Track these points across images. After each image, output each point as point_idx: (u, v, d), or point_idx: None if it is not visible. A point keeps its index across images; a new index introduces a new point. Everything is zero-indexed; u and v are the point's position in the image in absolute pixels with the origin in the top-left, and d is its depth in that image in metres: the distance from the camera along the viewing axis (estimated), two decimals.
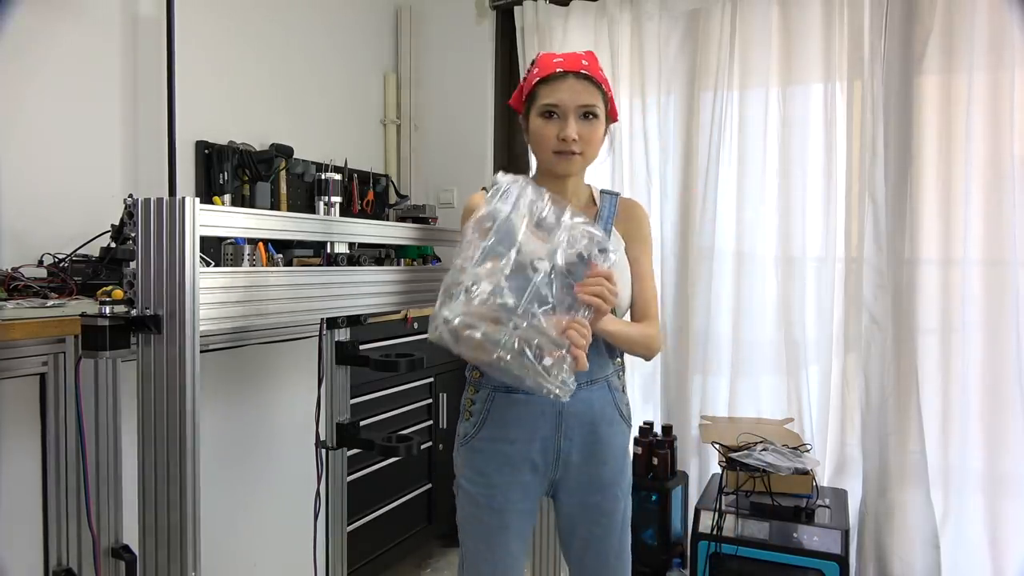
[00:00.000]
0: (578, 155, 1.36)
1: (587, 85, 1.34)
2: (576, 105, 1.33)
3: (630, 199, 1.53)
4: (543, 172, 1.43)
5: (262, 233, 1.28)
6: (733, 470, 2.28)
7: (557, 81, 1.34)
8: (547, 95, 1.35)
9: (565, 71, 1.34)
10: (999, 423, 2.30)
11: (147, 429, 1.07)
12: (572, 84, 1.33)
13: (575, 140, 1.33)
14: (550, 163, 1.38)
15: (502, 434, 1.38)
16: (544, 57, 1.39)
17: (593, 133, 1.36)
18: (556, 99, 1.34)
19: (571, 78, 1.34)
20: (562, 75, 1.34)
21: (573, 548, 1.46)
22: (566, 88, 1.33)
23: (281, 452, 1.90)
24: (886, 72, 2.39)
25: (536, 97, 1.37)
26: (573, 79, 1.34)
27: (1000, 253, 2.29)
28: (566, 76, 1.34)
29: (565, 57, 1.37)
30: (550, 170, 1.40)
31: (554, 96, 1.34)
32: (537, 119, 1.36)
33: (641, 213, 1.50)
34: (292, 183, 2.73)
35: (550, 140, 1.35)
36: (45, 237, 1.91)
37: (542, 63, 1.38)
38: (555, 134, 1.34)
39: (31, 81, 1.97)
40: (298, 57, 2.83)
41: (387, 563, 2.45)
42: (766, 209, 2.64)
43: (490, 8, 3.16)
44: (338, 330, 1.68)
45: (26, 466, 1.40)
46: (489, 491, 1.39)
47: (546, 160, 1.39)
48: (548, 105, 1.34)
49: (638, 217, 1.49)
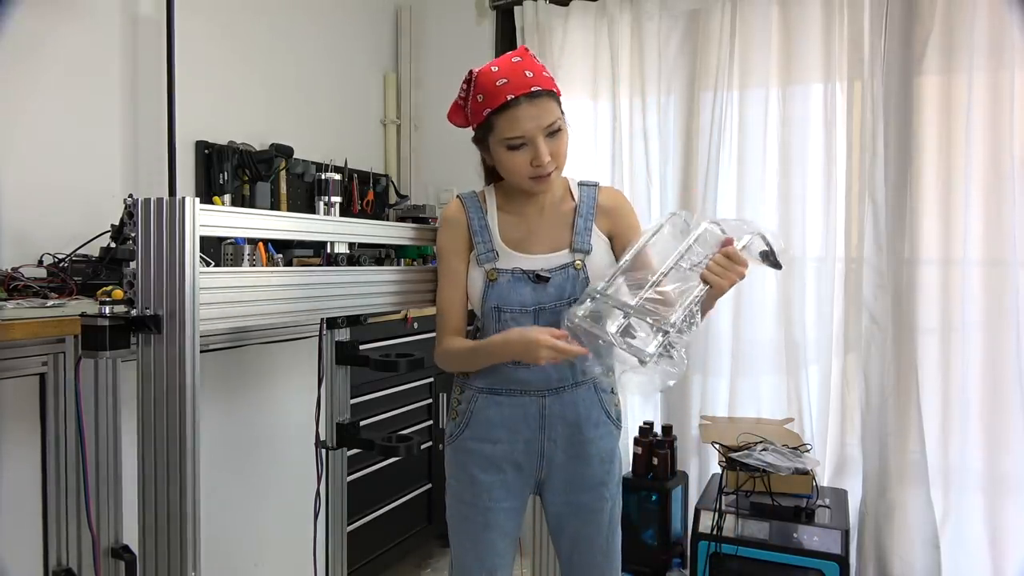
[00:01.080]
0: (552, 172, 1.33)
1: (542, 103, 1.28)
2: (540, 128, 1.29)
3: (609, 188, 1.47)
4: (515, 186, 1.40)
5: (262, 233, 1.28)
6: (733, 470, 2.28)
7: (512, 111, 1.27)
8: (507, 128, 1.29)
9: (516, 96, 1.27)
10: (999, 423, 2.30)
11: (147, 429, 1.07)
12: (528, 111, 1.27)
13: (550, 161, 1.30)
14: (527, 187, 1.36)
15: (486, 434, 1.39)
16: (484, 79, 1.30)
17: (561, 146, 1.33)
18: (519, 131, 1.28)
19: (524, 103, 1.27)
20: (515, 103, 1.27)
21: (562, 546, 1.47)
22: (524, 116, 1.27)
23: (281, 452, 1.90)
24: (886, 72, 2.39)
25: (493, 128, 1.31)
26: (527, 104, 1.27)
27: (1000, 253, 2.29)
28: (519, 103, 1.27)
29: (507, 74, 1.28)
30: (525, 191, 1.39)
31: (516, 129, 1.28)
32: (503, 151, 1.32)
33: (623, 201, 1.47)
34: (292, 183, 2.73)
35: (523, 169, 1.32)
36: (45, 237, 1.91)
37: (484, 87, 1.30)
38: (527, 161, 1.31)
39: (31, 81, 1.97)
40: (298, 57, 2.83)
41: (387, 563, 2.45)
42: (766, 209, 2.64)
43: (490, 8, 3.16)
44: (338, 330, 1.68)
45: (26, 466, 1.40)
46: (474, 490, 1.40)
47: (522, 185, 1.36)
48: (511, 139, 1.30)
49: (621, 206, 1.45)
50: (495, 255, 1.38)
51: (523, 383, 1.37)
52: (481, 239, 1.39)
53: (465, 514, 1.42)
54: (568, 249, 1.39)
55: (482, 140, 1.37)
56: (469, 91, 1.35)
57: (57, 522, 1.43)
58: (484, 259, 1.38)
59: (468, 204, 1.43)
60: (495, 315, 1.36)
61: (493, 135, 1.32)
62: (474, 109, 1.34)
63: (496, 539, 1.40)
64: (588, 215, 1.41)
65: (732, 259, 1.19)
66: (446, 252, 1.43)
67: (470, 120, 1.38)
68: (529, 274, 1.36)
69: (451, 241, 1.42)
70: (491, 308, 1.36)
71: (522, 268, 1.37)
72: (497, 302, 1.36)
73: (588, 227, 1.40)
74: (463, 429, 1.41)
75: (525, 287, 1.36)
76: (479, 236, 1.40)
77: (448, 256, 1.42)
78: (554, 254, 1.39)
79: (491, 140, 1.34)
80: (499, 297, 1.36)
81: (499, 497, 1.40)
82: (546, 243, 1.40)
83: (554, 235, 1.40)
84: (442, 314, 1.43)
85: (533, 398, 1.38)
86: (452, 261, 1.41)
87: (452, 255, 1.42)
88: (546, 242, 1.40)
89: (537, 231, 1.41)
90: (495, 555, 1.40)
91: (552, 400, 1.38)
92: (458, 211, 1.42)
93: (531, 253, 1.39)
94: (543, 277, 1.36)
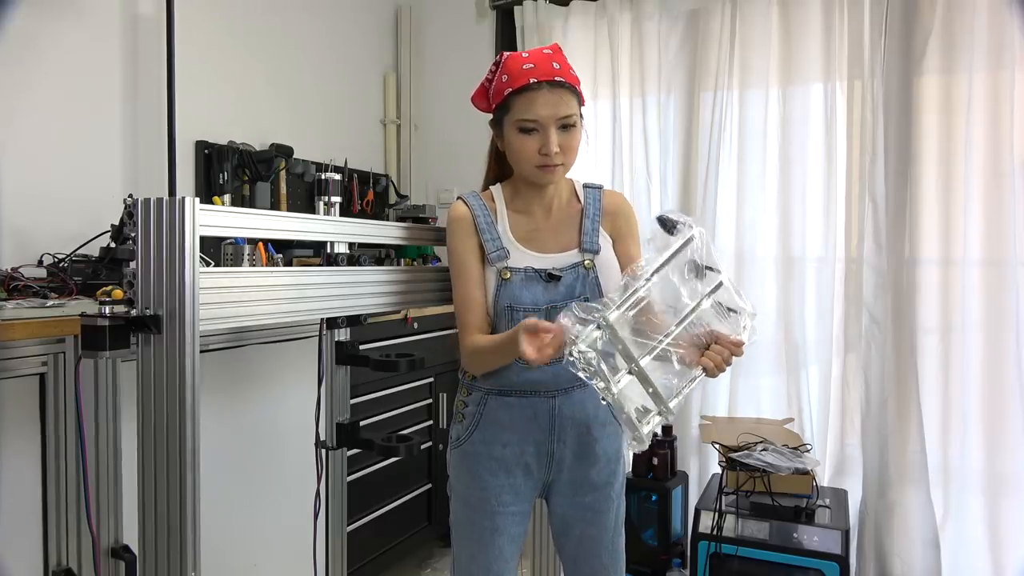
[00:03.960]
0: (560, 166, 1.34)
1: (562, 94, 1.31)
2: (555, 118, 1.31)
3: (613, 191, 1.50)
4: (523, 179, 1.41)
5: (262, 233, 1.28)
6: (733, 470, 2.28)
7: (531, 93, 1.30)
8: (523, 109, 1.31)
9: (539, 81, 1.30)
10: (999, 423, 2.30)
11: (147, 429, 1.07)
12: (548, 97, 1.30)
13: (557, 152, 1.32)
14: (533, 176, 1.37)
15: (495, 437, 1.38)
16: (512, 61, 1.34)
17: (573, 141, 1.35)
18: (534, 115, 1.30)
19: (546, 89, 1.30)
20: (536, 86, 1.30)
21: (567, 548, 1.46)
22: (542, 103, 1.30)
23: (281, 452, 1.90)
24: (886, 72, 2.39)
25: (510, 109, 1.33)
26: (548, 91, 1.30)
27: (1000, 253, 2.29)
28: (540, 87, 1.30)
29: (534, 61, 1.32)
30: (531, 181, 1.39)
31: (531, 111, 1.30)
32: (515, 133, 1.33)
33: (627, 207, 1.48)
34: (292, 183, 2.73)
35: (531, 155, 1.33)
36: (45, 237, 1.91)
37: (510, 68, 1.33)
38: (536, 149, 1.32)
39: (31, 81, 1.97)
40: (298, 57, 2.83)
41: (387, 563, 2.45)
42: (766, 209, 2.64)
43: (490, 8, 3.16)
44: (338, 330, 1.68)
45: (26, 466, 1.40)
46: (482, 494, 1.39)
47: (527, 172, 1.37)
48: (525, 121, 1.31)
49: (625, 212, 1.47)
50: (506, 253, 1.38)
51: (533, 384, 1.36)
52: (490, 237, 1.38)
53: (472, 519, 1.40)
54: (577, 249, 1.39)
55: (499, 122, 1.38)
56: (496, 72, 1.37)
57: (57, 522, 1.43)
58: (495, 257, 1.37)
59: (472, 204, 1.42)
60: (507, 314, 1.36)
61: (509, 116, 1.34)
62: (497, 88, 1.36)
63: (503, 544, 1.39)
64: (595, 216, 1.42)
65: (735, 353, 1.18)
66: (460, 251, 1.40)
67: (491, 101, 1.39)
68: (541, 273, 1.36)
69: (463, 241, 1.40)
70: (504, 307, 1.36)
71: (534, 267, 1.37)
72: (510, 301, 1.35)
73: (596, 228, 1.41)
74: (471, 432, 1.40)
75: (537, 286, 1.36)
76: (487, 235, 1.39)
77: (463, 255, 1.40)
78: (564, 253, 1.39)
79: (506, 121, 1.35)
80: (511, 296, 1.35)
81: (507, 501, 1.38)
82: (555, 242, 1.40)
83: (562, 235, 1.41)
84: (463, 314, 1.39)
85: (543, 399, 1.37)
86: (468, 260, 1.39)
87: (467, 254, 1.39)
88: (555, 241, 1.40)
89: (545, 230, 1.41)
90: (501, 560, 1.39)
91: (562, 400, 1.37)
92: (464, 211, 1.41)
93: (541, 252, 1.39)
94: (555, 276, 1.36)
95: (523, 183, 1.42)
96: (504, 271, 1.36)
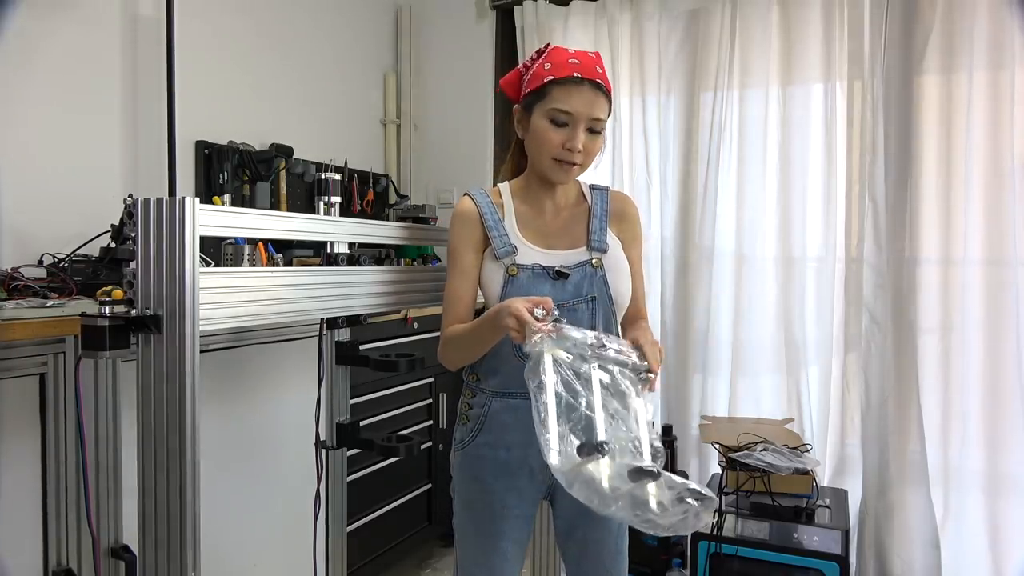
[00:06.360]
0: (578, 166, 1.34)
1: (599, 96, 1.32)
2: (588, 117, 1.31)
3: (619, 193, 1.50)
4: (534, 173, 1.41)
5: (262, 233, 1.28)
6: (733, 470, 2.28)
7: (572, 86, 1.30)
8: (560, 99, 1.31)
9: (583, 78, 1.30)
10: (999, 423, 2.30)
11: (147, 429, 1.08)
12: (587, 95, 1.30)
13: (579, 151, 1.32)
14: (547, 168, 1.36)
15: (500, 439, 1.37)
16: (557, 52, 1.35)
17: (595, 146, 1.35)
18: (570, 107, 1.30)
19: (587, 87, 1.30)
20: (579, 81, 1.30)
21: (571, 550, 1.45)
22: (581, 98, 1.30)
23: (281, 452, 1.90)
24: (886, 72, 2.39)
25: (545, 96, 1.32)
26: (589, 89, 1.30)
27: (1000, 253, 2.29)
28: (582, 83, 1.30)
29: (580, 58, 1.33)
30: (544, 174, 1.38)
31: (568, 103, 1.30)
32: (543, 120, 1.33)
33: (633, 210, 1.49)
34: (292, 183, 2.73)
35: (554, 146, 1.33)
36: (45, 237, 1.91)
37: (555, 59, 1.34)
38: (561, 142, 1.32)
39: (31, 81, 1.97)
40: (298, 57, 2.83)
41: (387, 563, 2.45)
42: (766, 209, 2.64)
43: (490, 8, 3.15)
44: (338, 330, 1.68)
45: (26, 466, 1.40)
46: (486, 497, 1.38)
47: (543, 164, 1.36)
48: (560, 111, 1.31)
49: (631, 216, 1.47)
50: (514, 249, 1.37)
51: None
52: (497, 233, 1.37)
53: (476, 522, 1.39)
54: (585, 247, 1.39)
55: (528, 107, 1.37)
56: (538, 59, 1.38)
57: (57, 522, 1.43)
58: (503, 253, 1.36)
59: (479, 200, 1.41)
60: None
61: (543, 103, 1.33)
62: (536, 74, 1.35)
63: (508, 547, 1.38)
64: (602, 216, 1.42)
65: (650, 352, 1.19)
66: (459, 245, 1.39)
67: (525, 87, 1.38)
68: (549, 270, 1.36)
69: (465, 236, 1.39)
70: None
71: (541, 264, 1.36)
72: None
73: (603, 227, 1.41)
74: (475, 435, 1.39)
75: (544, 283, 1.35)
76: (495, 231, 1.38)
77: (461, 249, 1.39)
78: (571, 251, 1.38)
79: (537, 108, 1.34)
80: (518, 293, 1.33)
81: (512, 504, 1.38)
82: (563, 240, 1.40)
83: (570, 233, 1.41)
84: (448, 306, 1.39)
85: None
86: (465, 254, 1.38)
87: (466, 248, 1.39)
88: (563, 239, 1.40)
89: (553, 228, 1.41)
90: (505, 563, 1.38)
91: None
92: (471, 207, 1.41)
93: (549, 249, 1.39)
94: (563, 273, 1.35)
95: (535, 179, 1.41)
96: (511, 267, 1.35)
